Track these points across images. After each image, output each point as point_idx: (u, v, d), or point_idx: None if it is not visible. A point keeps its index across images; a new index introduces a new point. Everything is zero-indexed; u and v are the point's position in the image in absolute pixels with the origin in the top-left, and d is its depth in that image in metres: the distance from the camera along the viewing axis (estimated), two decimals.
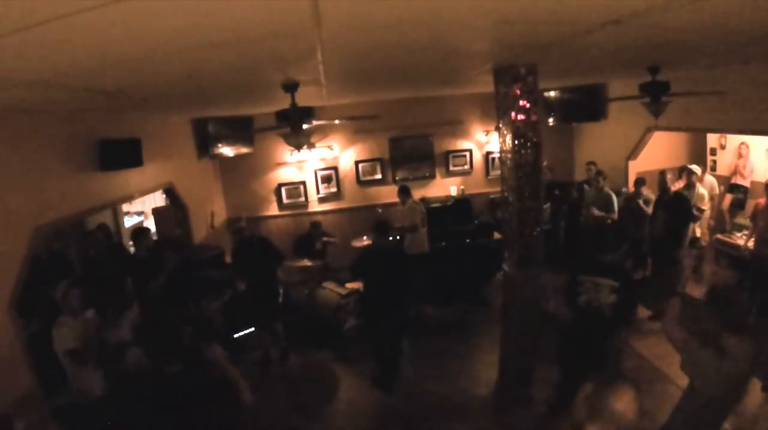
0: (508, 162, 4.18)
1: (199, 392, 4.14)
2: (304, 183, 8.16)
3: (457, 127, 8.38)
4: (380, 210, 7.65)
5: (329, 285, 6.50)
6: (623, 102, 5.66)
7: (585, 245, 6.93)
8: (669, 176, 6.48)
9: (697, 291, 6.52)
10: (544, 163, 6.97)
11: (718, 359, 2.35)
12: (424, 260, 6.39)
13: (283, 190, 8.12)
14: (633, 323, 5.56)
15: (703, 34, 2.64)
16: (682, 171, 6.97)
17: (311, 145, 7.67)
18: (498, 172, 5.56)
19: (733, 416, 2.42)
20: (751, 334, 2.38)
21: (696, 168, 6.49)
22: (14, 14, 1.20)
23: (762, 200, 5.68)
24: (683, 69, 4.95)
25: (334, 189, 8.26)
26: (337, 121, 5.91)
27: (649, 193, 6.68)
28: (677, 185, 6.83)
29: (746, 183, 7.26)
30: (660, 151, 7.64)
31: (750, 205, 6.73)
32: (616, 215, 6.64)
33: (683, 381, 4.46)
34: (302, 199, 8.18)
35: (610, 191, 6.74)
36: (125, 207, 8.33)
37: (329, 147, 8.05)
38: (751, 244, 5.82)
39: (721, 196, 7.38)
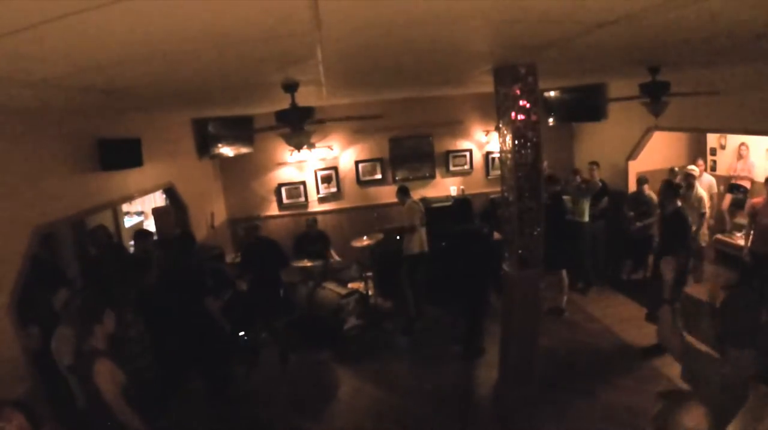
0: (508, 162, 4.19)
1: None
2: (304, 183, 8.16)
3: (457, 127, 8.37)
4: (375, 215, 7.64)
5: (329, 285, 6.50)
6: (623, 102, 5.66)
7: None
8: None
9: (696, 290, 6.54)
10: (545, 163, 7.00)
11: (719, 365, 2.34)
12: (424, 259, 6.39)
13: (283, 190, 8.12)
14: None
15: (703, 34, 2.64)
16: (673, 173, 7.00)
17: (311, 145, 7.67)
18: (498, 172, 5.56)
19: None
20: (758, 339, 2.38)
21: (693, 169, 6.49)
22: (14, 14, 1.20)
23: (760, 199, 5.67)
24: (683, 69, 4.95)
25: (334, 189, 8.26)
26: (338, 121, 5.90)
27: (650, 192, 6.68)
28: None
29: (746, 183, 7.26)
30: (660, 151, 7.64)
31: (747, 204, 6.73)
32: (586, 212, 6.72)
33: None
34: (302, 199, 8.18)
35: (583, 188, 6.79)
36: (125, 207, 8.32)
37: (329, 147, 8.05)
38: (749, 243, 5.81)
39: (721, 196, 7.38)
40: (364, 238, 6.82)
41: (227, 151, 7.21)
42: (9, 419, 2.30)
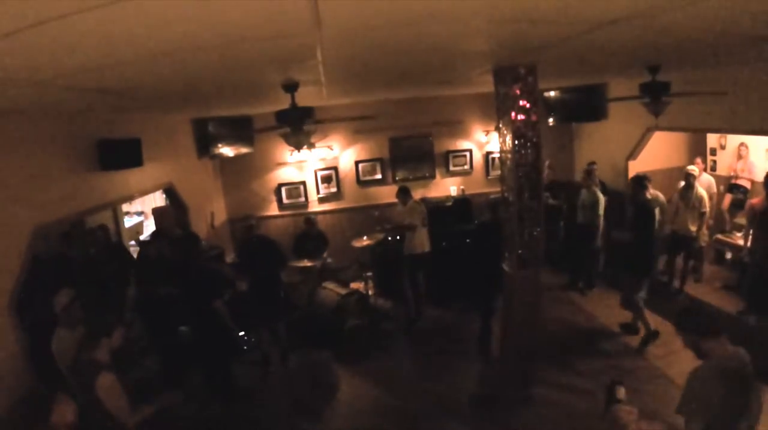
0: (508, 162, 4.19)
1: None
2: (304, 183, 8.16)
3: (457, 127, 8.38)
4: (377, 213, 7.65)
5: (329, 285, 6.50)
6: (623, 102, 5.67)
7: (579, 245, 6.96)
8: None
9: (697, 291, 6.54)
10: (547, 162, 7.01)
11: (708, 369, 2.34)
12: (425, 259, 6.39)
13: (283, 190, 8.12)
14: None
15: (703, 34, 2.64)
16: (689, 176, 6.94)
17: (311, 145, 7.67)
18: (498, 172, 5.56)
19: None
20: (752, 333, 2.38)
21: (693, 169, 6.48)
22: (14, 14, 1.20)
23: (759, 199, 5.68)
24: (683, 69, 4.96)
25: (334, 189, 8.26)
26: (337, 122, 5.90)
27: (655, 191, 6.62)
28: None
29: (746, 183, 7.25)
30: (660, 151, 7.64)
31: (747, 205, 6.72)
32: (600, 218, 6.66)
33: (682, 380, 4.49)
34: (302, 199, 8.18)
35: (598, 192, 6.74)
36: (125, 207, 8.33)
37: (329, 147, 8.05)
38: (748, 243, 5.81)
39: (721, 196, 7.38)
40: (364, 238, 6.83)
41: (227, 151, 7.21)
42: (69, 403, 2.60)
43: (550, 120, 7.69)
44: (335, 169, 8.21)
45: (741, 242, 6.19)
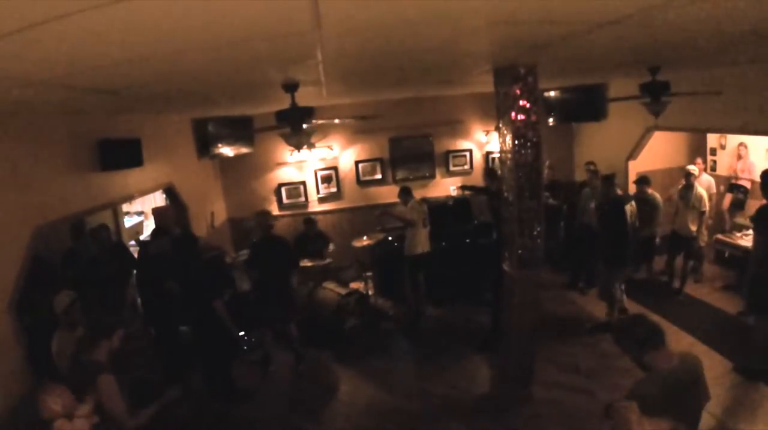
0: (508, 162, 4.19)
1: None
2: (304, 183, 8.16)
3: (457, 127, 8.38)
4: (378, 212, 7.63)
5: (329, 285, 6.50)
6: (623, 102, 5.67)
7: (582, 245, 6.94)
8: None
9: (697, 291, 6.55)
10: (547, 162, 7.01)
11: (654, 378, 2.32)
12: (426, 260, 6.39)
13: (283, 190, 8.12)
14: None
15: (703, 34, 2.64)
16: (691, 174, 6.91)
17: (311, 145, 7.66)
18: (498, 172, 5.55)
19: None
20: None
21: (693, 168, 6.48)
22: (14, 14, 1.20)
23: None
24: (683, 69, 4.96)
25: (334, 189, 8.26)
26: (336, 121, 5.89)
27: (653, 192, 6.63)
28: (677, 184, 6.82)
29: (746, 183, 7.25)
30: (660, 151, 7.64)
31: (751, 205, 6.72)
32: None
33: None
34: (302, 199, 8.18)
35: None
36: (125, 207, 8.32)
37: (329, 147, 8.05)
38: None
39: (721, 196, 7.37)
40: (364, 238, 6.82)
41: (227, 151, 7.18)
42: (56, 390, 2.54)
43: (550, 120, 7.68)
44: (335, 169, 8.21)
45: (741, 242, 6.19)
